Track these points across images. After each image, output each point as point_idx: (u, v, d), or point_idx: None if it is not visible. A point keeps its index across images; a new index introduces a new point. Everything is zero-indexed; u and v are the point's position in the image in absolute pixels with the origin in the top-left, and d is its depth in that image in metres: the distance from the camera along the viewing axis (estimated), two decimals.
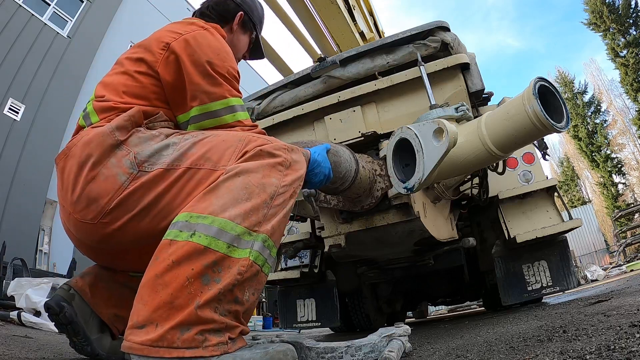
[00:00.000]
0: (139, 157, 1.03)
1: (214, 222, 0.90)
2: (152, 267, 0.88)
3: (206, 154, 1.04)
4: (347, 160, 1.59)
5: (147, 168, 1.02)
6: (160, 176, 1.01)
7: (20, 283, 3.53)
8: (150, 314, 0.83)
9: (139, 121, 1.14)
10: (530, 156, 3.05)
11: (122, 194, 1.00)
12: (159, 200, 1.00)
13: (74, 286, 1.30)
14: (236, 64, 1.36)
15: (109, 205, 1.00)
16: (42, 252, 7.87)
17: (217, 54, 1.25)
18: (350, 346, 1.20)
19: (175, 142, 1.08)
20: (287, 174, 1.06)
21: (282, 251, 3.18)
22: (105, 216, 1.00)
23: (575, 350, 0.89)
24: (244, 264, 0.90)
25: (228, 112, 1.24)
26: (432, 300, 5.22)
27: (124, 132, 1.07)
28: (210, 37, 1.28)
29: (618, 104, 26.44)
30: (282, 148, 1.08)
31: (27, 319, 3.13)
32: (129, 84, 1.20)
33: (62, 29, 9.38)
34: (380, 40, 2.15)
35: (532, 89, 1.44)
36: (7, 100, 7.76)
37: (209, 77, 1.20)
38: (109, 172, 1.01)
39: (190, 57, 1.20)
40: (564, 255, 2.70)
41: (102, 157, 1.03)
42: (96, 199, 1.00)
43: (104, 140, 1.04)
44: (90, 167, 1.02)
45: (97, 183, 1.01)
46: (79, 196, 1.02)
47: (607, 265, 14.14)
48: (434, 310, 12.99)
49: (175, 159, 1.03)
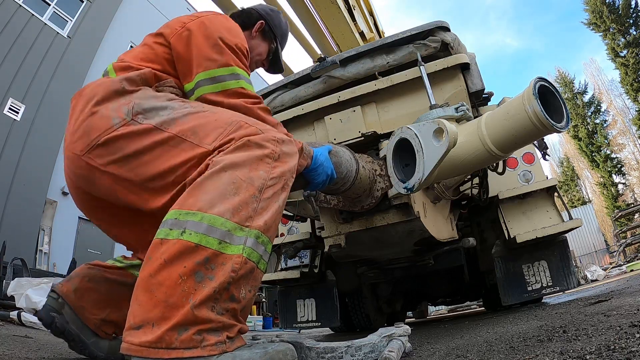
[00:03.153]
0: (136, 107, 1.08)
1: (203, 218, 0.89)
2: (146, 267, 0.88)
3: (195, 127, 1.06)
4: (348, 160, 1.59)
5: (140, 120, 1.07)
6: (148, 132, 1.05)
7: (20, 283, 3.53)
8: (146, 314, 0.83)
9: (149, 81, 1.22)
10: (530, 156, 3.05)
11: (110, 134, 1.04)
12: (140, 154, 1.04)
13: (60, 292, 1.32)
14: (246, 43, 1.41)
15: (96, 141, 1.05)
16: (42, 252, 7.87)
17: (229, 31, 1.33)
18: (350, 346, 1.20)
19: (174, 107, 1.11)
20: (276, 166, 1.04)
21: (282, 251, 3.18)
22: (91, 150, 1.06)
23: (575, 350, 0.89)
24: (237, 260, 0.89)
25: (232, 78, 1.27)
26: (432, 300, 5.22)
27: (132, 85, 1.15)
28: (223, 18, 1.38)
29: (618, 104, 26.47)
30: (271, 139, 1.06)
31: (27, 319, 3.13)
32: (146, 51, 1.31)
33: (62, 29, 9.38)
34: (380, 40, 2.15)
35: (532, 89, 1.44)
36: (7, 100, 7.76)
37: (217, 46, 1.27)
38: (106, 113, 1.07)
39: (202, 32, 1.28)
40: (564, 255, 2.70)
41: (105, 98, 1.10)
42: (88, 132, 1.07)
43: (111, 86, 1.13)
44: (93, 104, 1.09)
45: (94, 119, 1.07)
46: (77, 128, 1.09)
47: (607, 266, 14.14)
48: (434, 310, 12.99)
49: (166, 122, 1.07)
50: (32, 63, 8.37)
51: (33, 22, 8.60)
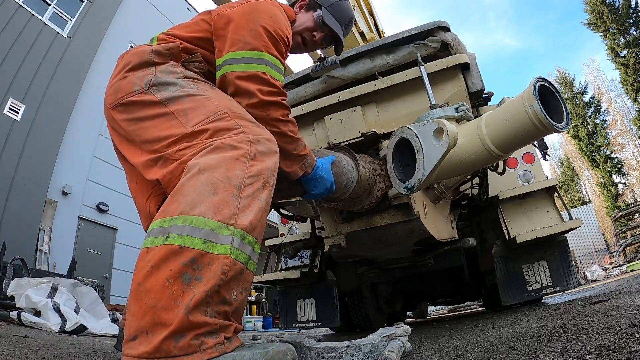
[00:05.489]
0: (154, 80, 1.20)
1: (185, 220, 0.90)
2: (134, 278, 0.88)
3: (187, 110, 1.15)
4: (350, 171, 1.59)
5: (152, 91, 1.18)
6: (153, 103, 1.17)
7: (20, 283, 3.52)
8: (138, 322, 0.83)
9: (176, 54, 1.30)
10: (530, 156, 3.05)
11: (130, 98, 1.19)
12: (144, 120, 1.17)
13: None
14: (289, 31, 1.43)
15: (120, 100, 1.21)
16: (42, 252, 7.85)
17: (271, 17, 1.35)
18: (350, 346, 1.20)
19: (182, 86, 1.21)
20: (253, 165, 1.05)
21: (282, 251, 3.18)
22: (115, 107, 1.22)
23: (575, 351, 0.88)
24: (226, 262, 0.89)
25: (258, 62, 1.27)
26: (432, 300, 5.22)
27: (160, 57, 1.26)
28: (269, 4, 1.40)
29: (618, 104, 26.47)
30: (244, 140, 1.07)
31: (27, 319, 3.13)
32: (190, 23, 1.43)
33: (62, 29, 9.36)
34: (381, 40, 2.15)
35: (532, 89, 1.44)
36: (7, 100, 7.75)
37: (253, 31, 1.30)
38: (132, 79, 1.22)
39: (244, 15, 1.32)
40: (564, 255, 2.70)
41: (136, 67, 1.24)
42: (116, 92, 1.23)
43: (143, 56, 1.26)
44: (127, 70, 1.24)
45: (123, 82, 1.22)
46: (112, 85, 1.26)
47: (607, 266, 14.15)
48: (434, 310, 12.99)
49: (169, 99, 1.17)
50: (32, 63, 8.35)
51: (33, 22, 8.58)
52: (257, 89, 1.24)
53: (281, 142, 1.26)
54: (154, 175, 1.12)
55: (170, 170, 1.08)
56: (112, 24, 10.47)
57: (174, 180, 1.06)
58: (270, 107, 1.27)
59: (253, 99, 1.24)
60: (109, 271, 8.91)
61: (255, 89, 1.24)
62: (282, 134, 1.29)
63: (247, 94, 1.24)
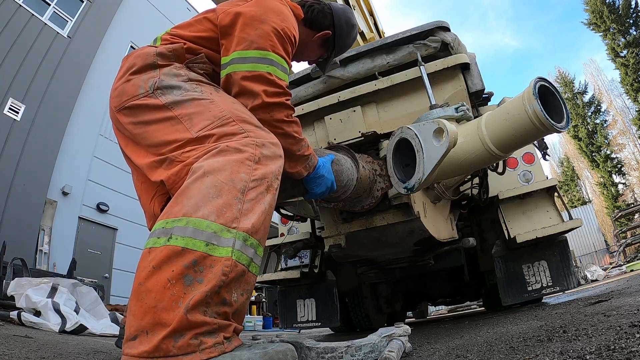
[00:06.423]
0: (158, 83, 1.19)
1: (188, 222, 0.90)
2: (136, 278, 0.88)
3: (192, 114, 1.14)
4: (349, 169, 1.59)
5: (157, 95, 1.18)
6: (157, 107, 1.17)
7: (20, 283, 3.52)
8: (138, 322, 0.83)
9: (180, 56, 1.29)
10: (530, 156, 3.05)
11: (134, 101, 1.20)
12: (149, 123, 1.17)
13: None
14: (296, 30, 1.40)
15: (125, 103, 1.21)
16: (42, 252, 7.85)
17: (278, 15, 1.33)
18: (350, 346, 1.20)
19: (187, 89, 1.20)
20: (257, 168, 1.04)
21: (282, 251, 3.18)
22: (120, 110, 1.23)
23: (575, 350, 0.88)
24: (227, 264, 0.89)
25: (264, 62, 1.26)
26: (432, 300, 5.22)
27: (164, 60, 1.26)
28: (274, 1, 1.37)
29: (618, 104, 26.46)
30: (250, 144, 1.07)
31: (27, 319, 3.13)
32: (193, 21, 1.40)
33: (62, 29, 9.36)
34: (381, 41, 2.15)
35: (532, 89, 1.44)
36: (7, 100, 7.75)
37: (260, 29, 1.28)
38: (137, 82, 1.22)
39: (252, 13, 1.30)
40: (564, 255, 2.70)
41: (140, 69, 1.24)
42: (121, 94, 1.23)
43: (147, 59, 1.25)
44: (131, 72, 1.24)
45: (127, 85, 1.23)
46: (116, 87, 1.26)
47: (607, 266, 14.15)
48: (434, 310, 12.99)
49: (173, 102, 1.16)
50: (32, 63, 8.35)
51: (33, 22, 8.58)
52: (262, 90, 1.23)
53: (285, 143, 1.26)
54: (159, 176, 1.12)
55: (175, 172, 1.08)
56: (112, 24, 10.46)
57: (178, 182, 1.06)
58: (274, 108, 1.26)
59: (257, 100, 1.23)
60: (109, 271, 8.92)
61: (260, 90, 1.23)
62: (287, 135, 1.29)
63: (251, 95, 1.23)
